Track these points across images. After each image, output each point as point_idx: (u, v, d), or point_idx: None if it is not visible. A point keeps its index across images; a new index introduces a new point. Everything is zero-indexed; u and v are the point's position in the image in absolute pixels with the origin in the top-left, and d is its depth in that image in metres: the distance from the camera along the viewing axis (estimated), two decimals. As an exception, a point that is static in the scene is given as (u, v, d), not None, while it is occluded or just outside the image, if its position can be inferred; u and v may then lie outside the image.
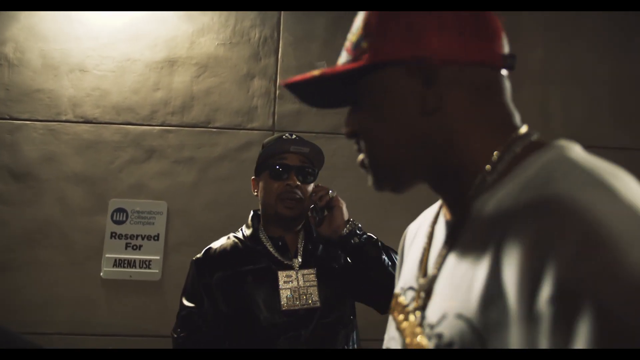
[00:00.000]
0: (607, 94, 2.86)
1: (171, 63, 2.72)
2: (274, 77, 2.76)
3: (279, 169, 1.53)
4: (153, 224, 2.55)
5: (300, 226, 1.61)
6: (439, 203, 0.77)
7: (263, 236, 1.57)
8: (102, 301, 2.49)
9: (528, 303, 0.46)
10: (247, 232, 1.61)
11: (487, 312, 0.51)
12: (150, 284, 2.51)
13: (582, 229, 0.44)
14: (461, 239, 0.62)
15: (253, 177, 1.65)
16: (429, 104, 0.61)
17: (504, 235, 0.51)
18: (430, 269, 0.67)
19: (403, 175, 0.67)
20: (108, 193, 2.58)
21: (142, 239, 2.53)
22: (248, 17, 2.79)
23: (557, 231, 0.46)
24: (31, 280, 2.47)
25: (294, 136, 1.59)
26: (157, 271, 2.51)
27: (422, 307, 0.65)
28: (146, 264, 2.51)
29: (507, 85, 0.66)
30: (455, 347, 0.55)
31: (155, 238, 2.54)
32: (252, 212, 1.68)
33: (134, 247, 2.52)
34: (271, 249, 1.54)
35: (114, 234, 2.52)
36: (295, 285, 1.47)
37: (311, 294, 1.47)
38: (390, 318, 0.77)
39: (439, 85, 0.61)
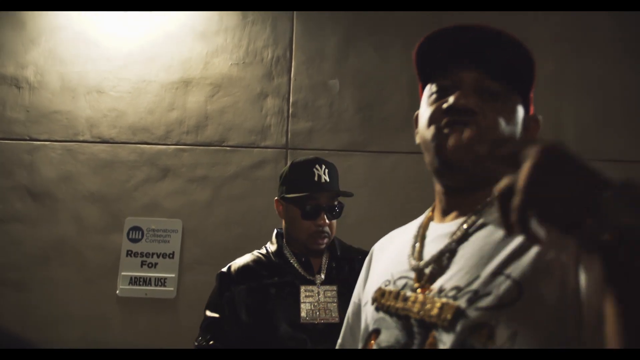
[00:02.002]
0: (619, 105, 2.84)
1: (186, 83, 2.77)
2: (287, 95, 2.79)
3: (310, 210, 1.57)
4: (168, 242, 2.57)
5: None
6: (415, 224, 0.91)
7: (287, 252, 1.62)
8: (117, 319, 2.50)
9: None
10: (272, 248, 1.66)
11: (531, 267, 0.64)
12: (165, 302, 2.52)
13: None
14: (481, 226, 0.74)
15: (276, 197, 1.68)
16: (533, 131, 0.87)
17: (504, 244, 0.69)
18: (428, 255, 0.78)
19: (477, 173, 0.74)
20: (123, 212, 2.61)
21: (158, 257, 2.55)
22: (261, 37, 2.84)
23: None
24: (46, 298, 2.49)
25: (323, 170, 1.60)
26: (172, 289, 2.52)
27: (429, 281, 0.75)
28: (161, 281, 2.52)
29: None
30: (491, 297, 0.65)
31: (171, 256, 2.56)
32: (275, 231, 1.73)
33: (150, 265, 2.54)
34: (295, 265, 1.59)
35: (129, 252, 2.55)
36: (316, 299, 1.50)
37: (331, 310, 1.48)
38: (369, 310, 0.84)
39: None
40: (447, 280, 0.72)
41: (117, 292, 2.51)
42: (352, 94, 2.80)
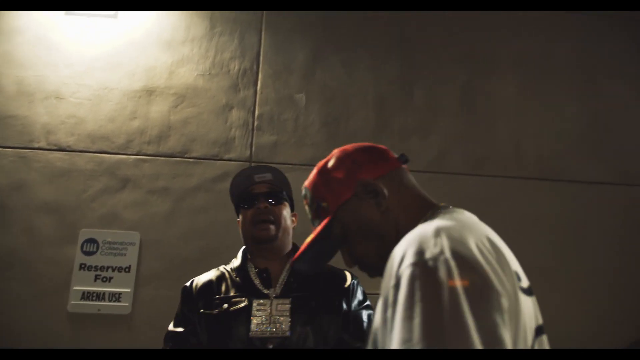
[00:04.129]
0: (577, 128, 2.94)
1: (149, 92, 2.71)
2: (252, 108, 2.76)
3: (246, 199, 1.61)
4: (125, 255, 2.48)
5: (285, 255, 1.63)
6: None
7: (251, 267, 1.61)
8: (68, 336, 2.38)
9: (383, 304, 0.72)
10: (235, 263, 1.65)
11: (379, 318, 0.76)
12: (119, 318, 2.42)
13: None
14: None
15: (238, 219, 1.69)
16: (381, 206, 0.92)
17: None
18: None
19: (384, 259, 0.86)
20: (79, 223, 2.51)
21: (113, 270, 2.46)
22: (228, 49, 2.81)
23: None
24: (-7, 313, 2.36)
25: (262, 170, 1.65)
26: (127, 304, 2.42)
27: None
28: (116, 296, 2.43)
29: (408, 174, 0.99)
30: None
31: (127, 270, 2.47)
32: (242, 248, 1.71)
33: (104, 279, 2.44)
34: (255, 280, 1.56)
35: (83, 266, 2.44)
36: (267, 313, 1.47)
37: (281, 323, 1.45)
38: None
39: (380, 194, 0.92)
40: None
41: (68, 307, 2.40)
42: (318, 109, 2.80)
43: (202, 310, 1.52)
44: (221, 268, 1.67)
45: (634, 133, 2.97)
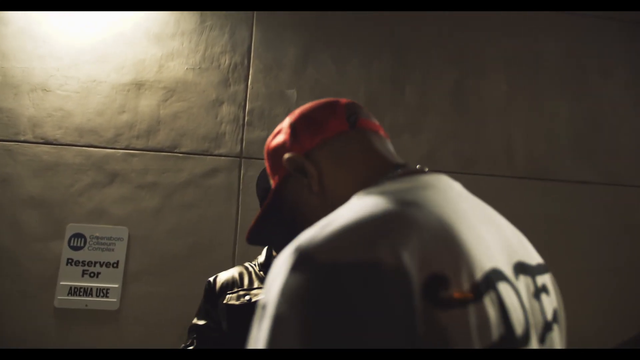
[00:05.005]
0: (567, 128, 2.96)
1: (138, 86, 2.67)
2: (243, 103, 2.74)
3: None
4: (113, 250, 2.46)
5: None
6: None
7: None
8: (55, 332, 2.36)
9: None
10: (260, 259, 1.69)
11: None
12: (107, 314, 2.40)
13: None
14: None
15: None
16: (314, 185, 0.74)
17: None
18: None
19: None
20: (66, 218, 2.48)
21: (101, 265, 2.43)
22: (218, 43, 2.79)
23: None
24: (-22, 309, 2.33)
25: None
26: (115, 300, 2.40)
27: None
28: (104, 292, 2.40)
29: (368, 136, 0.77)
30: None
31: (115, 265, 2.44)
32: None
33: (92, 275, 2.42)
34: None
35: (70, 261, 2.41)
36: None
37: None
38: None
39: (309, 172, 0.74)
40: None
41: (55, 303, 2.37)
42: (309, 105, 2.78)
43: (225, 302, 1.57)
44: (246, 264, 1.71)
45: (624, 133, 3.00)
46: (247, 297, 1.56)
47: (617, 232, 2.84)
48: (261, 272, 1.64)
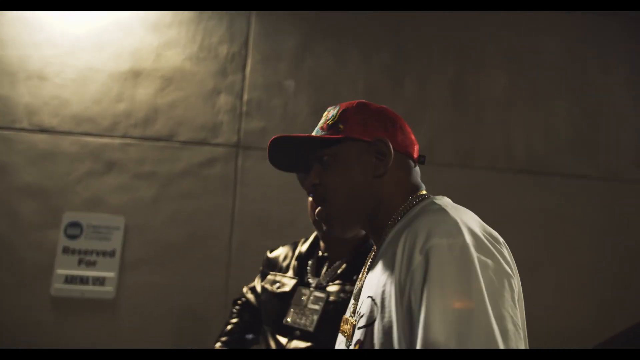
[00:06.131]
0: (566, 124, 2.96)
1: (136, 74, 2.66)
2: (240, 93, 2.73)
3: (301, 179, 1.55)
4: (109, 239, 2.46)
5: (354, 240, 1.54)
6: None
7: (316, 252, 1.62)
8: (51, 321, 2.36)
9: (404, 278, 0.77)
10: (303, 248, 1.67)
11: (381, 289, 0.82)
12: (103, 303, 2.41)
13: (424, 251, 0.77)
14: (376, 257, 0.94)
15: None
16: (381, 170, 0.93)
17: (394, 247, 0.83)
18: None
19: (350, 219, 0.96)
20: (62, 206, 2.47)
21: (97, 254, 2.43)
22: (216, 33, 2.77)
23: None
24: (-26, 296, 2.33)
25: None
26: (111, 289, 2.41)
27: (356, 306, 0.95)
28: (100, 281, 2.40)
29: (417, 170, 1.01)
30: (364, 318, 0.84)
31: (111, 254, 2.44)
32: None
33: (88, 264, 2.42)
34: (310, 264, 1.58)
35: (66, 249, 2.41)
36: (304, 304, 1.48)
37: (312, 318, 1.44)
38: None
39: (386, 160, 0.93)
40: (358, 305, 0.93)
41: (51, 291, 2.37)
42: (307, 96, 2.77)
43: (262, 284, 1.64)
44: (299, 243, 1.70)
45: (623, 129, 3.00)
46: (275, 285, 1.58)
47: (615, 227, 2.84)
48: (297, 259, 1.61)
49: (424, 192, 0.97)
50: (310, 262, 1.59)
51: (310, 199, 1.59)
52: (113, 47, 2.67)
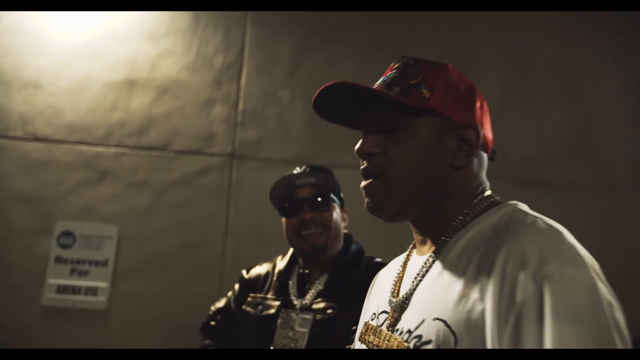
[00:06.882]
0: (559, 132, 2.97)
1: (131, 84, 2.66)
2: (235, 103, 2.74)
3: (287, 206, 1.52)
4: (102, 249, 2.44)
5: (333, 256, 1.53)
6: (407, 252, 0.92)
7: (294, 269, 1.57)
8: (42, 331, 2.34)
9: (507, 307, 0.61)
10: (281, 265, 1.61)
11: (464, 315, 0.65)
12: (95, 313, 2.38)
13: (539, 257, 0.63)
14: (437, 264, 0.76)
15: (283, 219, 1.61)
16: (461, 162, 0.79)
17: (480, 261, 0.68)
18: (403, 291, 0.80)
19: (407, 204, 0.79)
20: (55, 215, 2.46)
21: (90, 264, 2.42)
22: (212, 43, 2.78)
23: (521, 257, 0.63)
24: (-36, 306, 2.30)
25: (302, 168, 1.56)
26: (104, 299, 2.39)
27: (396, 320, 0.77)
28: (92, 291, 2.38)
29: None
30: (431, 345, 0.67)
31: (104, 264, 2.43)
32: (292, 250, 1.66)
33: (80, 273, 2.40)
34: (292, 285, 1.53)
35: (58, 259, 2.40)
36: (290, 326, 1.43)
37: (299, 339, 1.40)
38: (357, 343, 0.88)
39: (470, 150, 0.79)
40: (404, 321, 0.75)
41: (43, 301, 2.35)
42: (302, 106, 2.78)
43: (243, 307, 1.56)
44: (276, 261, 1.64)
45: (616, 137, 3.02)
46: (259, 308, 1.51)
47: (608, 236, 2.85)
48: (278, 280, 1.55)
49: (490, 192, 0.83)
50: (291, 281, 1.54)
51: (284, 219, 1.55)
52: (109, 56, 2.67)
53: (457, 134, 0.79)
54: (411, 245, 0.91)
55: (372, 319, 0.85)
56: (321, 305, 1.44)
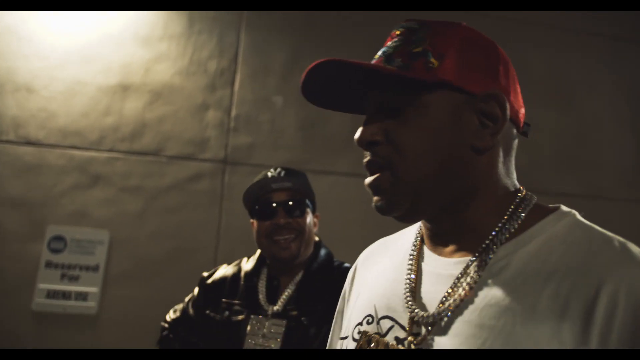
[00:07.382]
0: (550, 141, 3.00)
1: (124, 88, 2.66)
2: (228, 108, 2.74)
3: (258, 208, 1.49)
4: (93, 253, 2.43)
5: (303, 262, 1.50)
6: (409, 234, 0.76)
7: (263, 274, 1.53)
8: (32, 336, 2.32)
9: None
10: (247, 267, 1.56)
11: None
12: (85, 318, 2.37)
13: None
14: (485, 281, 0.61)
15: (252, 221, 1.58)
16: (485, 143, 0.63)
17: (567, 295, 0.55)
18: (431, 306, 0.63)
19: (423, 200, 0.65)
20: (46, 219, 2.45)
21: (80, 269, 2.40)
22: (206, 48, 2.78)
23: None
24: (-48, 310, 2.28)
25: (277, 171, 1.53)
26: (94, 304, 2.37)
27: (423, 339, 0.61)
28: (82, 296, 2.37)
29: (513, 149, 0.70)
30: None
31: (95, 269, 2.42)
32: (259, 252, 1.62)
33: (71, 278, 2.38)
34: (261, 290, 1.49)
35: (49, 263, 2.38)
36: (260, 334, 1.40)
37: (270, 346, 1.37)
38: (343, 344, 0.72)
39: (497, 127, 0.63)
40: (440, 345, 0.60)
41: (33, 306, 2.33)
42: (295, 112, 2.79)
43: (207, 312, 1.50)
44: (242, 264, 1.59)
45: (607, 147, 3.04)
46: (226, 313, 1.47)
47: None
48: (245, 284, 1.51)
49: (521, 187, 0.71)
50: (259, 285, 1.51)
51: (255, 221, 1.52)
52: (102, 60, 2.67)
53: (477, 108, 0.63)
54: (417, 235, 0.74)
55: (368, 322, 0.69)
56: (294, 312, 1.41)
